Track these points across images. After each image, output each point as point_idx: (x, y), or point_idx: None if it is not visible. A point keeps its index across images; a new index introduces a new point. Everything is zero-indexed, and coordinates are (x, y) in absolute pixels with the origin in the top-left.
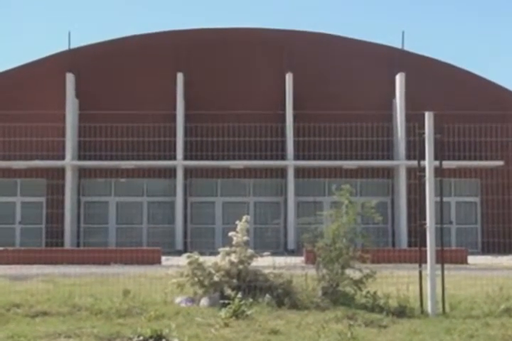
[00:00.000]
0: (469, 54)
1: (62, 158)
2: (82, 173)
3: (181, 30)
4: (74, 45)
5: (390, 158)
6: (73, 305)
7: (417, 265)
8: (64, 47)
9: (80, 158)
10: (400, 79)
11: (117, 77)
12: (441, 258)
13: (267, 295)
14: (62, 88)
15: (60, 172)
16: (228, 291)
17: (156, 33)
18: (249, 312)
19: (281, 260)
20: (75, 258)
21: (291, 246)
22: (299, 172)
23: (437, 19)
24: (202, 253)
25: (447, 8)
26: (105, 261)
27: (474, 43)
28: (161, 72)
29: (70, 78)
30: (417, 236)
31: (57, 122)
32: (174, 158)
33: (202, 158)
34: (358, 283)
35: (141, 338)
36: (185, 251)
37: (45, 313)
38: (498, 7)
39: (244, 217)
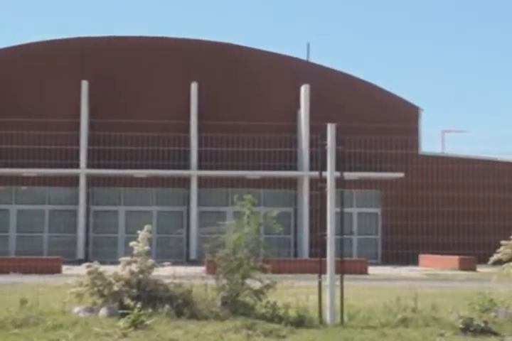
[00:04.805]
0: (375, 67)
1: None
2: None
3: (88, 37)
4: None
5: (294, 168)
6: None
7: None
8: None
9: None
10: (304, 91)
11: (22, 82)
12: (341, 269)
13: (167, 305)
14: None
15: None
16: (128, 301)
17: (62, 40)
18: (148, 322)
19: (182, 270)
20: None
21: (193, 255)
22: (203, 182)
23: (344, 32)
24: (103, 263)
25: (354, 22)
26: (4, 270)
27: (381, 57)
28: (66, 79)
29: None
30: (318, 247)
31: None
32: (77, 166)
33: (105, 167)
34: (257, 293)
35: None
36: (86, 260)
37: None
38: (410, 21)
39: (146, 227)
